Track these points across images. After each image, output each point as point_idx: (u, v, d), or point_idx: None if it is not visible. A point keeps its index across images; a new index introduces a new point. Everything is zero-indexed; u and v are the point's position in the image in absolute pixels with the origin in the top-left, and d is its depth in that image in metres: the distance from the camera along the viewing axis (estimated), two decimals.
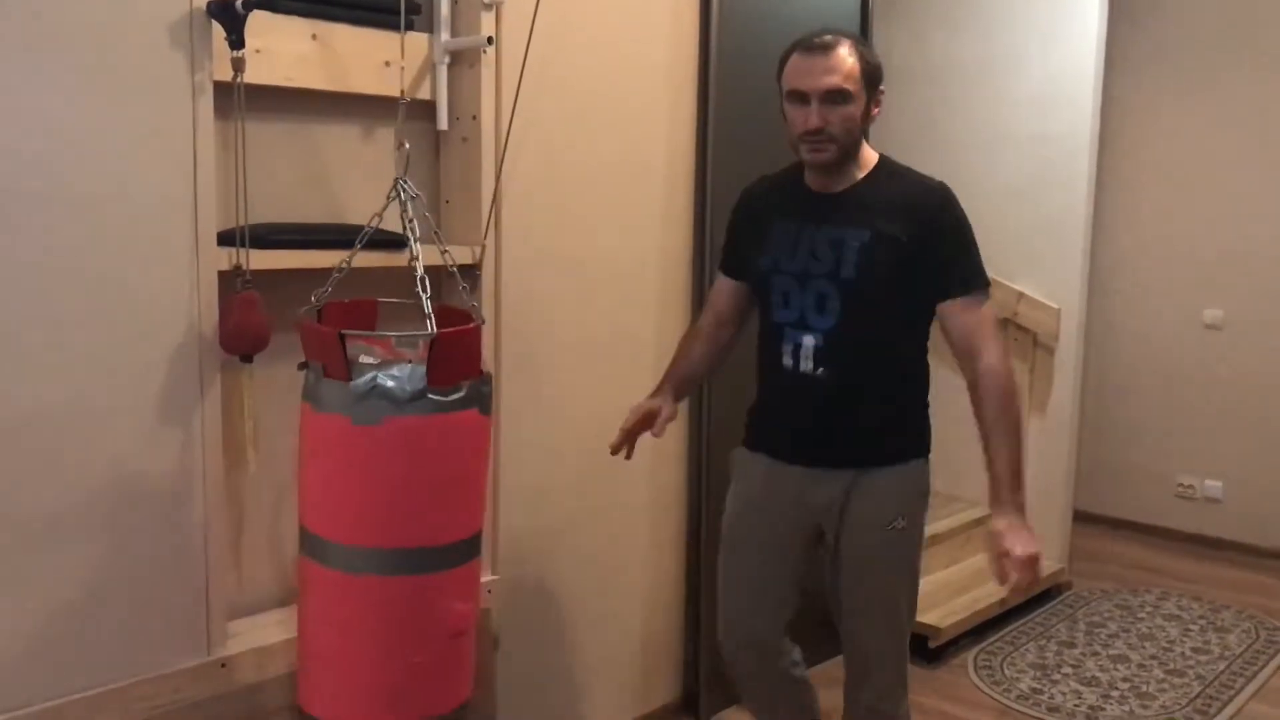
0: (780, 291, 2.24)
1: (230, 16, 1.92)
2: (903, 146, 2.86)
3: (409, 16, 2.28)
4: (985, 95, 4.37)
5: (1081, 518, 4.74)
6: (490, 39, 2.34)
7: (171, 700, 1.98)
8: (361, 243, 1.98)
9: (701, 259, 2.99)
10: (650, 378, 2.59)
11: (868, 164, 2.21)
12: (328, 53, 2.16)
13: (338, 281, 1.96)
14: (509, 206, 2.50)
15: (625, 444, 2.35)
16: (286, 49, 2.10)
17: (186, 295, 1.96)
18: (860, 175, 2.21)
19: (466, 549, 1.89)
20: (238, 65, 1.95)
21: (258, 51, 2.02)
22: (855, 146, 2.17)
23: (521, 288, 2.56)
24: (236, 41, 1.93)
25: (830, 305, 2.18)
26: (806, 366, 2.22)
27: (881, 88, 2.18)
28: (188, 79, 1.92)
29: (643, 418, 2.32)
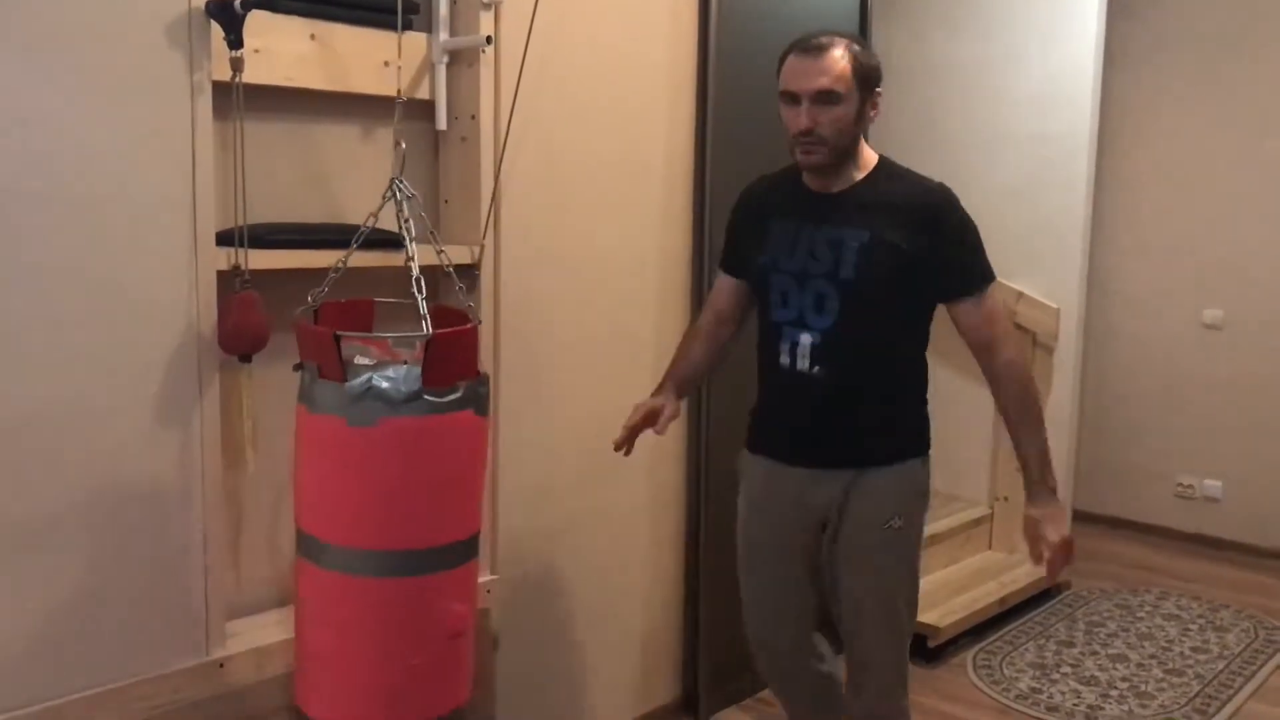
0: (779, 290, 2.24)
1: (229, 16, 1.91)
2: (902, 146, 2.86)
3: (408, 16, 2.28)
4: (984, 95, 4.37)
5: (1081, 517, 4.74)
6: (489, 38, 2.34)
7: (170, 700, 1.98)
8: (357, 243, 1.98)
9: (701, 258, 2.99)
10: (650, 377, 2.59)
11: (867, 165, 2.21)
12: (327, 52, 2.16)
13: (334, 281, 1.95)
14: (508, 206, 2.50)
15: (628, 441, 2.35)
16: (285, 49, 2.10)
17: (185, 295, 1.96)
18: (859, 176, 2.20)
19: (464, 550, 1.89)
20: (236, 65, 1.95)
21: (257, 51, 2.02)
22: (850, 148, 2.17)
23: (521, 287, 2.56)
24: (235, 41, 1.93)
25: (829, 305, 2.18)
26: (803, 365, 2.22)
27: (878, 90, 2.17)
28: (186, 79, 1.92)
29: (646, 415, 2.32)
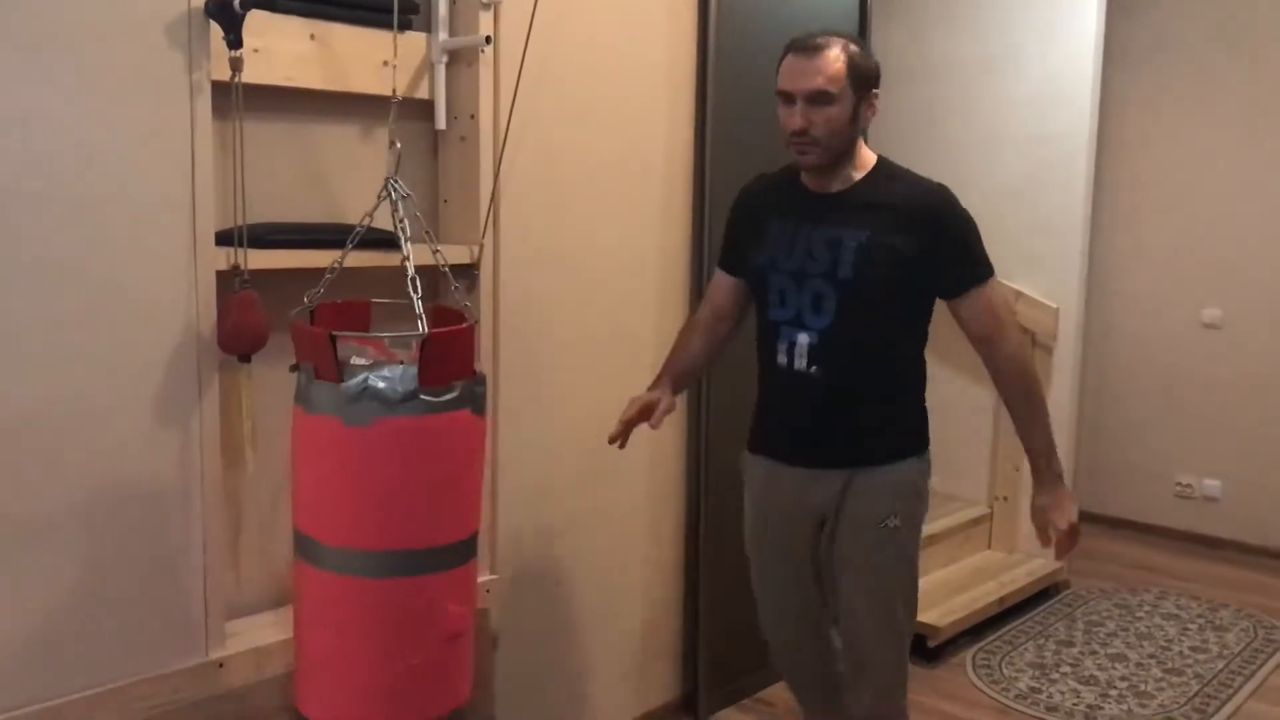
0: (777, 290, 2.24)
1: (228, 16, 1.91)
2: (901, 146, 2.86)
3: (407, 16, 2.28)
4: (984, 95, 4.37)
5: (1080, 517, 4.72)
6: (488, 38, 2.34)
7: (170, 700, 1.98)
8: (353, 243, 1.97)
9: (700, 258, 2.99)
10: (649, 377, 2.58)
11: (865, 165, 2.21)
12: (326, 52, 2.16)
13: (330, 282, 1.95)
14: (507, 206, 2.50)
15: (623, 435, 2.35)
16: (285, 49, 2.10)
17: (184, 295, 1.96)
18: (858, 177, 2.20)
19: (462, 550, 1.88)
20: (236, 65, 1.95)
21: (256, 51, 2.02)
22: (845, 149, 2.17)
23: (520, 287, 2.56)
24: (234, 41, 1.93)
25: (826, 305, 2.18)
26: (800, 365, 2.22)
27: (875, 91, 2.16)
28: (186, 78, 1.92)
29: (642, 409, 2.32)
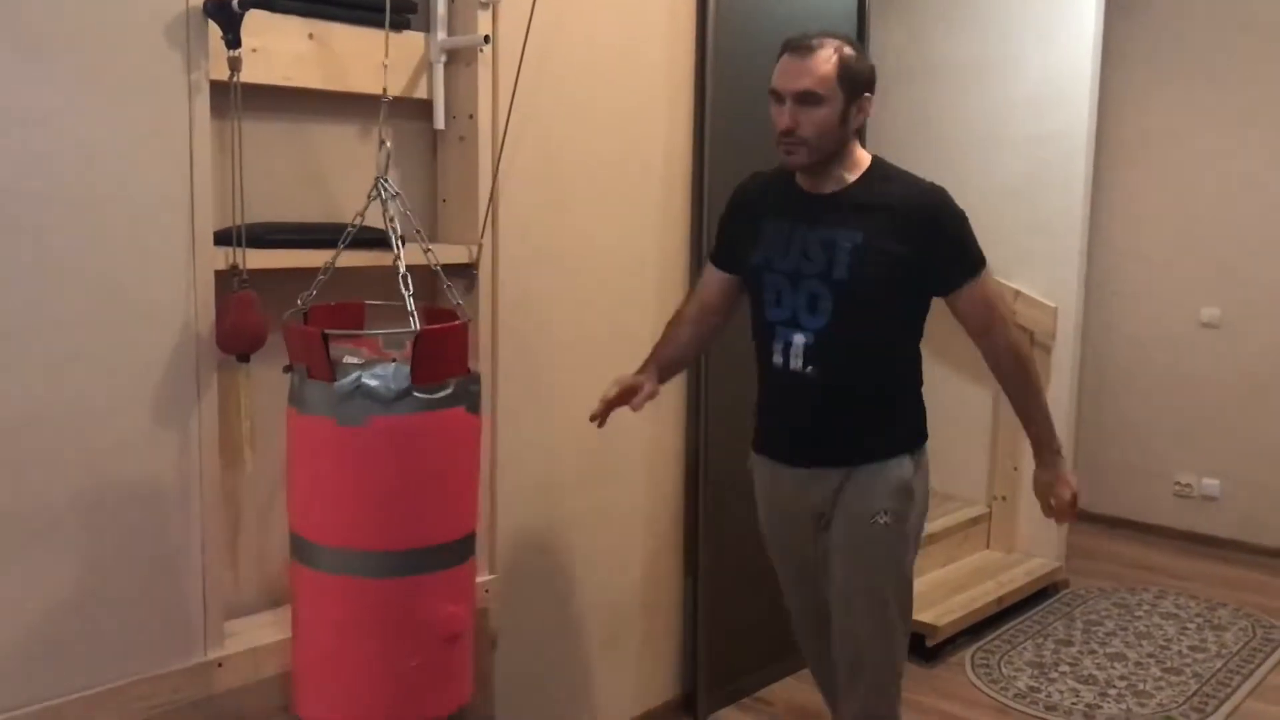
0: (773, 290, 2.25)
1: (227, 16, 1.91)
2: (900, 146, 2.87)
3: (405, 15, 2.28)
4: (982, 95, 4.37)
5: (1079, 516, 4.73)
6: (487, 38, 2.34)
7: (169, 700, 1.98)
8: (345, 243, 1.97)
9: (699, 257, 2.99)
10: None
11: (859, 166, 2.21)
12: (325, 52, 2.16)
13: (324, 284, 1.95)
14: (506, 205, 2.50)
15: (602, 414, 2.34)
16: (283, 48, 2.10)
17: (183, 294, 1.96)
18: (852, 177, 2.21)
19: (459, 550, 1.88)
20: (234, 64, 1.95)
21: (254, 51, 2.02)
22: (834, 150, 2.17)
23: (519, 287, 2.56)
24: (233, 41, 1.93)
25: (822, 305, 2.19)
26: (796, 365, 2.22)
27: (867, 94, 2.16)
28: (184, 78, 1.92)
29: (624, 391, 2.31)
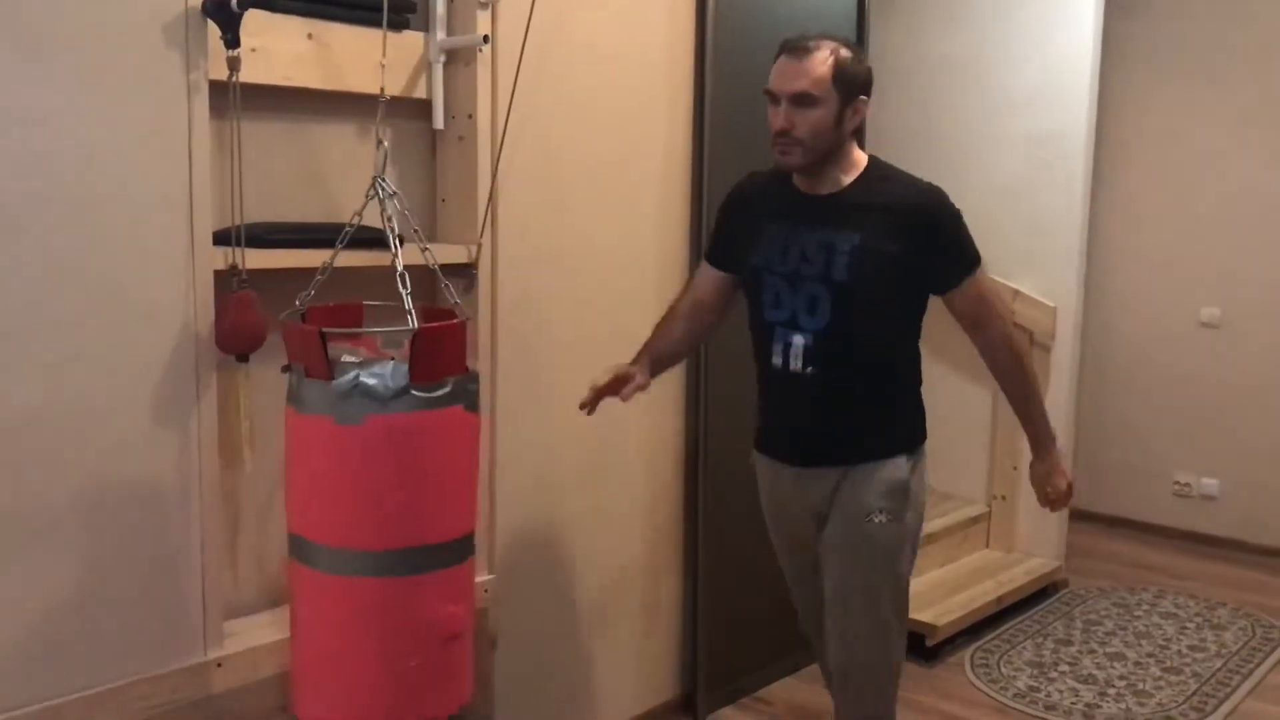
0: (771, 292, 2.24)
1: (226, 15, 1.91)
2: (899, 145, 2.87)
3: (405, 15, 2.28)
4: (981, 94, 4.37)
5: (1078, 516, 4.75)
6: (486, 38, 2.34)
7: (169, 700, 1.98)
8: (342, 243, 1.97)
9: (698, 257, 2.99)
10: None
11: (856, 166, 2.21)
12: (324, 52, 2.16)
13: (322, 284, 1.95)
14: (505, 205, 2.50)
15: (592, 402, 2.33)
16: (282, 48, 2.10)
17: (182, 294, 1.96)
18: (849, 178, 2.20)
19: (458, 549, 1.87)
20: (233, 64, 1.95)
21: (253, 51, 2.02)
22: (829, 151, 2.16)
23: (518, 286, 2.56)
24: (232, 41, 1.93)
25: (821, 307, 2.19)
26: (796, 366, 2.22)
27: (863, 96, 2.16)
28: (183, 78, 1.92)
29: (614, 381, 2.30)
